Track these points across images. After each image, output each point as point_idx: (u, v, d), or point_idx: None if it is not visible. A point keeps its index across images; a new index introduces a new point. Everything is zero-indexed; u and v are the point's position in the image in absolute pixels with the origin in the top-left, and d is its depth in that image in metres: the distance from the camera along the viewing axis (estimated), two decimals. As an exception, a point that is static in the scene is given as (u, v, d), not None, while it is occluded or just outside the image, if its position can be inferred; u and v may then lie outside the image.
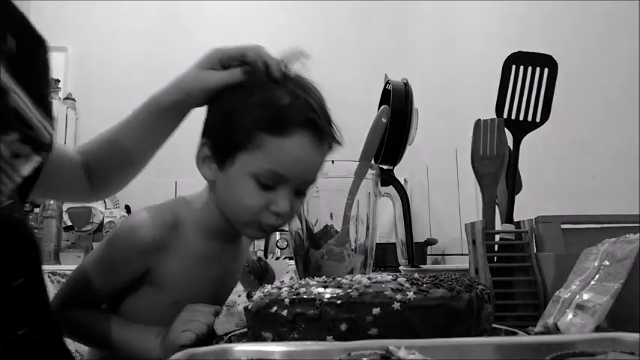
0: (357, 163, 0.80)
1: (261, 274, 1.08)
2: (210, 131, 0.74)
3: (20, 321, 0.55)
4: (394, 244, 1.02)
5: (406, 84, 0.91)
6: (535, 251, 0.72)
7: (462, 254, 1.82)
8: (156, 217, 0.72)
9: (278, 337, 0.46)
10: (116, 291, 0.75)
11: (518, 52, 0.81)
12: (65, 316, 0.72)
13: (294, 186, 0.72)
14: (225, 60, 0.73)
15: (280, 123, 0.68)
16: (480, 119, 0.79)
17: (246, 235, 0.79)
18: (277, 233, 2.48)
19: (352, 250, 0.76)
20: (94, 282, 0.74)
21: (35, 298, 0.59)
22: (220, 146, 0.72)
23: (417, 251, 1.96)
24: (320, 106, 0.71)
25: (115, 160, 0.78)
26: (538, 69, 0.79)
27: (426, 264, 2.04)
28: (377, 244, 0.82)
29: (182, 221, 0.74)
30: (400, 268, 0.94)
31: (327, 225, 0.77)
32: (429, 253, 2.17)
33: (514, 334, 0.50)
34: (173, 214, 0.74)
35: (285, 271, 1.20)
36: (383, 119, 0.86)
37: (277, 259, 1.14)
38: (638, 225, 0.66)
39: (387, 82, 0.96)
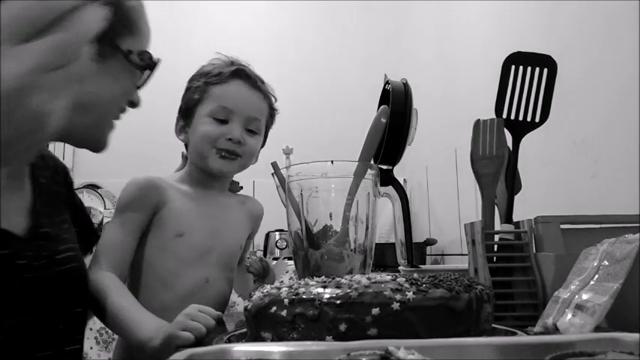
0: (357, 163, 0.80)
1: (263, 274, 1.08)
2: (180, 109, 1.03)
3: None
4: (393, 244, 1.01)
5: (405, 84, 0.91)
6: (534, 251, 0.72)
7: (462, 254, 1.82)
8: (145, 174, 0.95)
9: (277, 338, 0.46)
10: (136, 237, 0.93)
11: (518, 52, 0.81)
12: (93, 278, 0.83)
13: (242, 120, 0.97)
14: None
15: (220, 75, 0.97)
16: (479, 119, 0.79)
17: (212, 168, 0.98)
18: (277, 233, 2.47)
19: (351, 250, 0.76)
20: (118, 236, 0.91)
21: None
22: (185, 110, 1.01)
23: (417, 251, 1.97)
24: (249, 69, 1.00)
25: None
26: (537, 69, 0.79)
27: (425, 264, 2.04)
28: (376, 244, 0.82)
29: (167, 179, 0.99)
30: (399, 268, 0.94)
31: (326, 225, 0.77)
32: (428, 253, 2.17)
33: (513, 334, 0.50)
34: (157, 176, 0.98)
35: (284, 271, 1.21)
36: (382, 119, 0.86)
37: (276, 259, 1.14)
38: (637, 225, 0.66)
39: (387, 82, 0.95)
